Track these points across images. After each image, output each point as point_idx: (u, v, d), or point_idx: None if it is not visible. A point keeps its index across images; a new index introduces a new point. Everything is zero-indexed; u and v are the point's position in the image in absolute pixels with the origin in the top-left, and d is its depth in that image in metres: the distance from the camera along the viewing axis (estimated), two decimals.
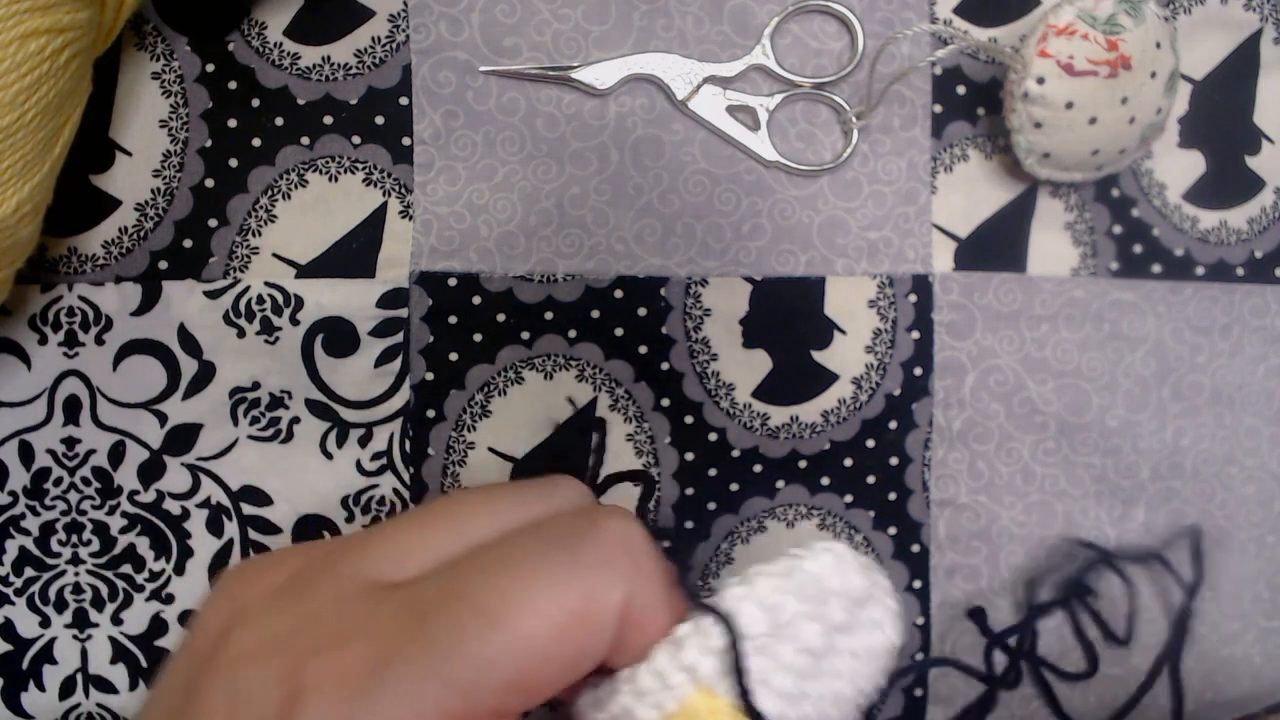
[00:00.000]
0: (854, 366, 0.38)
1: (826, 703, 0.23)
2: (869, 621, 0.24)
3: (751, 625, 0.23)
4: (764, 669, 0.23)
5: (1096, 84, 0.34)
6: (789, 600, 0.23)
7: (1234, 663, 0.41)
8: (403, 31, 0.36)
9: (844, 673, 0.24)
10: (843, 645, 0.24)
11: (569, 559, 0.22)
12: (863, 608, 0.24)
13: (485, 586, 0.22)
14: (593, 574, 0.22)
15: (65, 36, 0.29)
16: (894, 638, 0.25)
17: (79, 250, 0.36)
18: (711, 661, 0.23)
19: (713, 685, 0.23)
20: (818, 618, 0.23)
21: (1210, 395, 0.40)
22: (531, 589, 0.21)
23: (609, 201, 0.37)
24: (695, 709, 0.22)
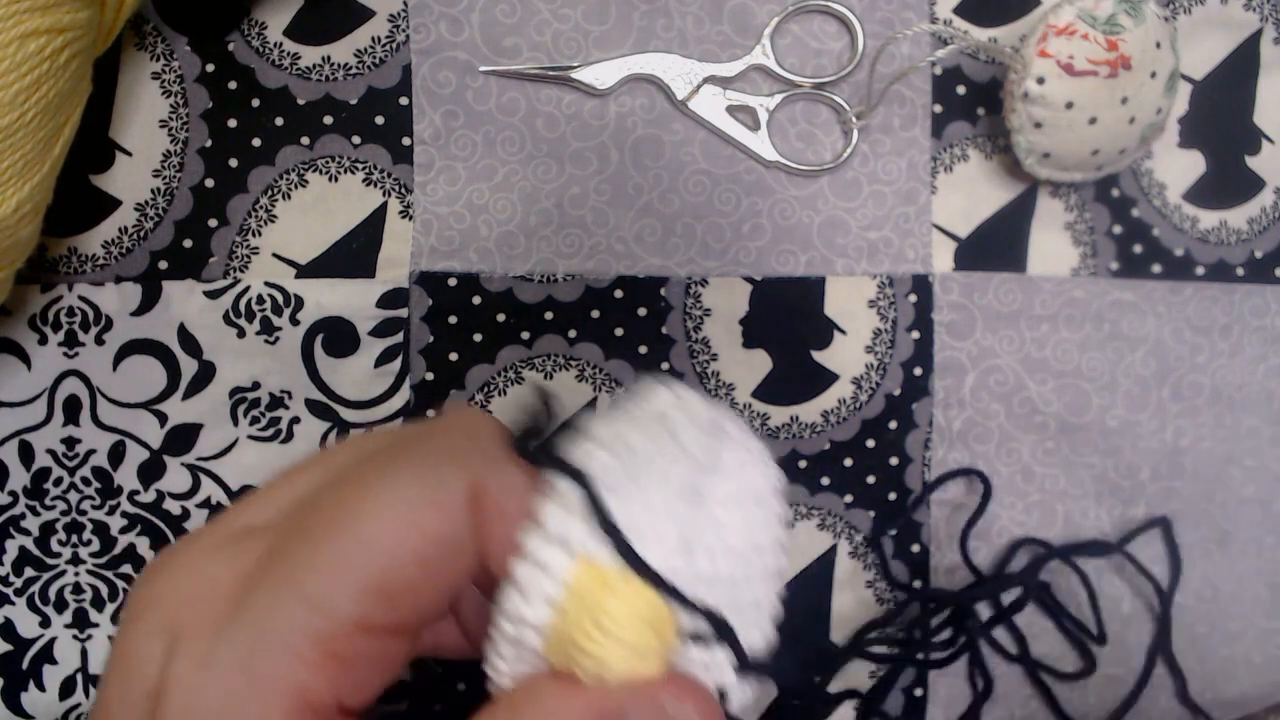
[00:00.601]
0: (854, 366, 0.38)
1: (719, 556, 0.21)
2: (735, 463, 0.22)
3: (607, 473, 0.21)
4: (636, 520, 0.20)
5: (1096, 84, 0.34)
6: (637, 438, 0.21)
7: (1234, 663, 0.41)
8: (403, 31, 0.36)
9: (727, 522, 0.21)
10: (717, 491, 0.21)
11: (410, 456, 0.21)
12: (721, 446, 0.22)
13: (332, 499, 0.21)
14: (434, 461, 0.21)
15: (65, 36, 0.29)
16: (770, 476, 0.23)
17: (79, 250, 0.36)
18: (579, 526, 0.20)
19: (592, 553, 0.20)
20: (675, 456, 0.21)
21: (1210, 395, 0.40)
22: (372, 488, 0.21)
23: (609, 201, 0.37)
24: (583, 587, 0.20)
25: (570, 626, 0.20)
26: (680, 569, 0.20)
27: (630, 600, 0.20)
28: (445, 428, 0.23)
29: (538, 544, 0.20)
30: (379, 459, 0.22)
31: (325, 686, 0.20)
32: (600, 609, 0.20)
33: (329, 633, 0.20)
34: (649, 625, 0.20)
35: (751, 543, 0.22)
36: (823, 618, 0.39)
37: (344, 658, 0.20)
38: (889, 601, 0.39)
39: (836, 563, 0.39)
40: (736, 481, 0.22)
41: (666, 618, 0.20)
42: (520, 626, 0.21)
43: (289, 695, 0.20)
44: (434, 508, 0.20)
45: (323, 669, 0.20)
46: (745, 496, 0.22)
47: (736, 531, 0.21)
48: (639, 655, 0.20)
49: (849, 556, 0.39)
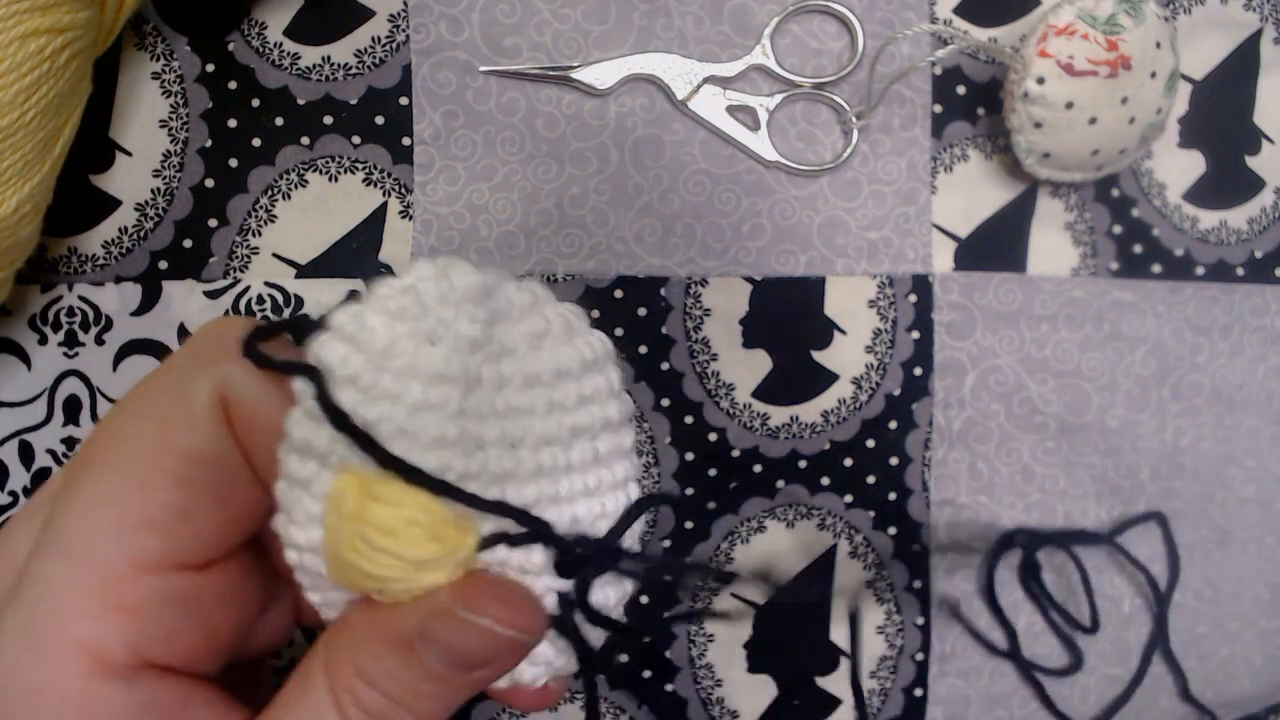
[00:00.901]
0: (854, 366, 0.38)
1: (529, 450, 0.18)
2: (523, 336, 0.19)
3: (344, 364, 0.18)
4: (392, 415, 0.17)
5: (1096, 84, 0.34)
6: (378, 320, 0.18)
7: (1234, 663, 0.41)
8: (403, 31, 0.36)
9: (531, 408, 0.18)
10: (510, 373, 0.18)
11: (152, 375, 0.20)
12: (512, 321, 0.19)
13: (90, 435, 0.19)
14: (173, 375, 0.19)
15: (65, 36, 0.29)
16: (582, 347, 0.20)
17: (79, 250, 0.36)
18: (326, 430, 0.17)
19: (346, 459, 0.17)
20: (433, 335, 0.18)
21: (1210, 395, 0.40)
22: (113, 418, 0.19)
23: (609, 201, 0.37)
24: (341, 495, 0.17)
25: (338, 544, 0.18)
26: (461, 467, 0.18)
27: (394, 504, 0.17)
28: (197, 335, 0.20)
29: (290, 457, 0.18)
30: (138, 386, 0.20)
31: (116, 640, 0.18)
32: (361, 519, 0.17)
33: (103, 581, 0.18)
34: (424, 531, 0.17)
35: (566, 426, 0.19)
36: (823, 618, 0.39)
37: (129, 605, 0.18)
38: (889, 601, 0.39)
39: (836, 563, 0.39)
40: (531, 361, 0.19)
41: (447, 520, 0.18)
42: (300, 552, 0.19)
43: (80, 655, 0.18)
44: (181, 424, 0.19)
45: (108, 621, 0.18)
46: (546, 375, 0.19)
47: (541, 418, 0.19)
48: (418, 565, 0.18)
49: (849, 556, 0.39)
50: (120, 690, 0.18)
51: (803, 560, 0.39)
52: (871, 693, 0.39)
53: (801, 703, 0.39)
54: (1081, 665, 0.39)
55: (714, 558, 0.38)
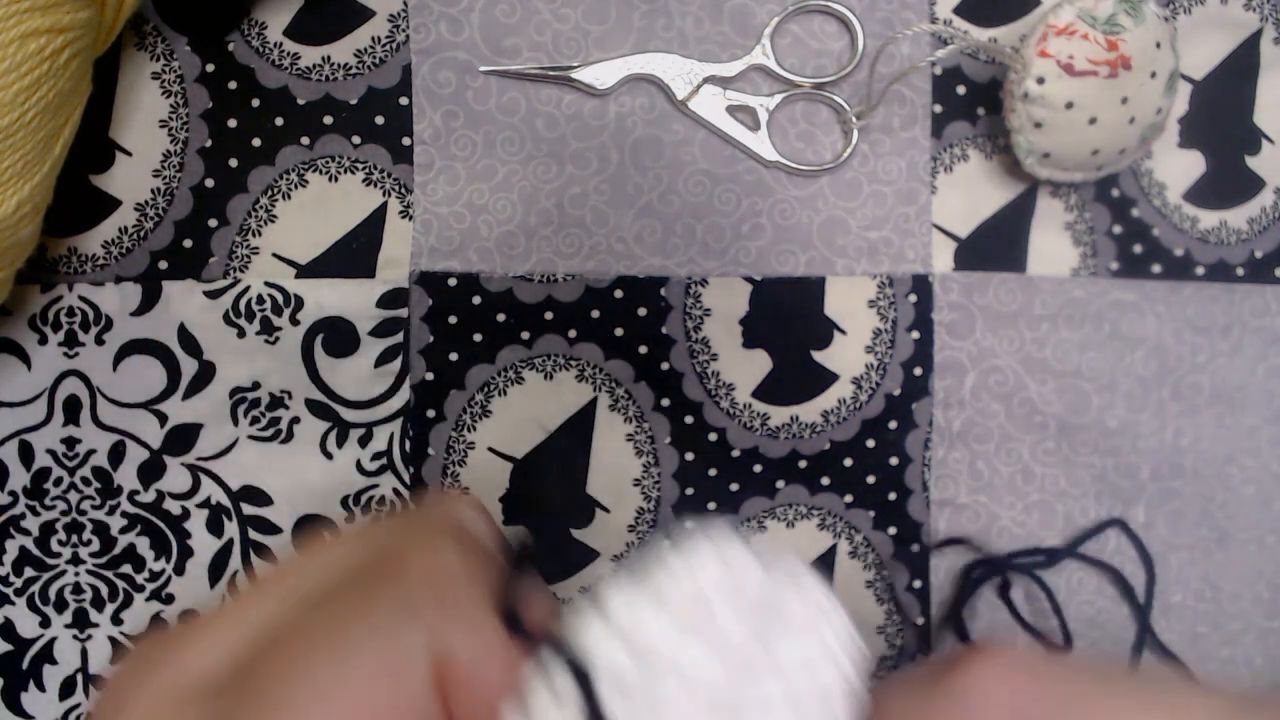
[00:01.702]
0: (854, 366, 0.38)
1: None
2: (801, 660, 0.18)
3: (613, 664, 0.17)
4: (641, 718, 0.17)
5: (1096, 84, 0.34)
6: (658, 621, 0.17)
7: (1234, 663, 0.41)
8: (403, 31, 0.36)
9: (772, 700, 0.17)
10: (771, 693, 0.17)
11: (360, 618, 0.18)
12: (788, 634, 0.18)
13: (272, 675, 0.18)
14: (389, 631, 0.18)
15: (65, 36, 0.29)
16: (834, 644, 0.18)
17: (79, 250, 0.36)
18: (565, 715, 0.17)
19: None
20: (706, 636, 0.17)
21: (1210, 395, 0.40)
22: (316, 668, 0.18)
23: (609, 201, 0.37)
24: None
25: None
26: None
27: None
28: (413, 569, 0.19)
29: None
30: (334, 616, 0.19)
31: None
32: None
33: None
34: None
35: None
36: None
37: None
38: (888, 601, 0.39)
39: (836, 563, 0.39)
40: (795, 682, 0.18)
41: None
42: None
43: None
44: (394, 692, 0.18)
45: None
46: (808, 699, 0.18)
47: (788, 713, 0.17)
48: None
49: (849, 556, 0.39)
50: None
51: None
52: None
53: None
54: None
55: None
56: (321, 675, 0.18)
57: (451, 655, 0.18)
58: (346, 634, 0.18)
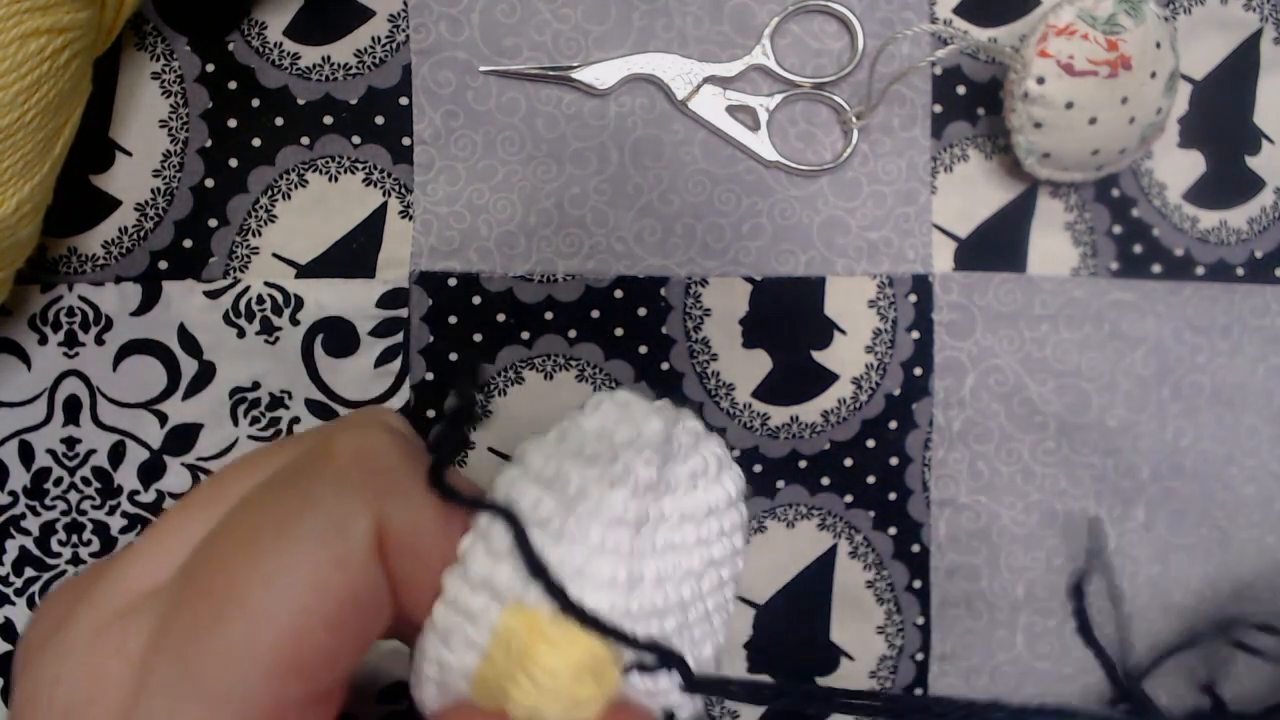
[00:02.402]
0: (854, 366, 0.38)
1: (668, 583, 0.19)
2: (686, 477, 0.20)
3: (536, 508, 0.19)
4: (572, 557, 0.18)
5: (1096, 84, 0.34)
6: (572, 466, 0.19)
7: (1234, 662, 0.41)
8: (403, 31, 0.36)
9: (681, 544, 0.19)
10: (669, 510, 0.19)
11: (296, 500, 0.18)
12: (678, 460, 0.20)
13: (215, 568, 0.18)
14: (326, 508, 0.18)
15: (65, 36, 0.29)
16: (727, 484, 0.20)
17: (79, 250, 0.36)
18: (506, 567, 0.18)
19: (520, 596, 0.18)
20: (617, 480, 0.19)
21: (1210, 395, 0.40)
22: (258, 552, 0.18)
23: (609, 201, 0.37)
24: (511, 633, 0.18)
25: (499, 676, 0.18)
26: (623, 605, 0.19)
27: (566, 648, 0.18)
28: (343, 450, 0.19)
29: (461, 588, 0.19)
30: (271, 503, 0.19)
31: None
32: (532, 659, 0.18)
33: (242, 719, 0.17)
34: (589, 672, 0.18)
35: (705, 559, 0.20)
36: (823, 618, 0.39)
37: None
38: (888, 601, 0.39)
39: (836, 563, 0.39)
40: (688, 499, 0.20)
41: (607, 660, 0.19)
42: (445, 671, 0.19)
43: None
44: (338, 565, 0.18)
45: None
46: (698, 512, 0.20)
47: (688, 552, 0.20)
48: (577, 704, 0.19)
49: (849, 556, 0.39)
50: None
51: (802, 561, 0.39)
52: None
53: None
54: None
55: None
56: (265, 558, 0.18)
57: (390, 526, 0.18)
58: (285, 516, 0.18)
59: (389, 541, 0.18)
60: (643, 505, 0.19)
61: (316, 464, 0.19)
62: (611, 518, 0.19)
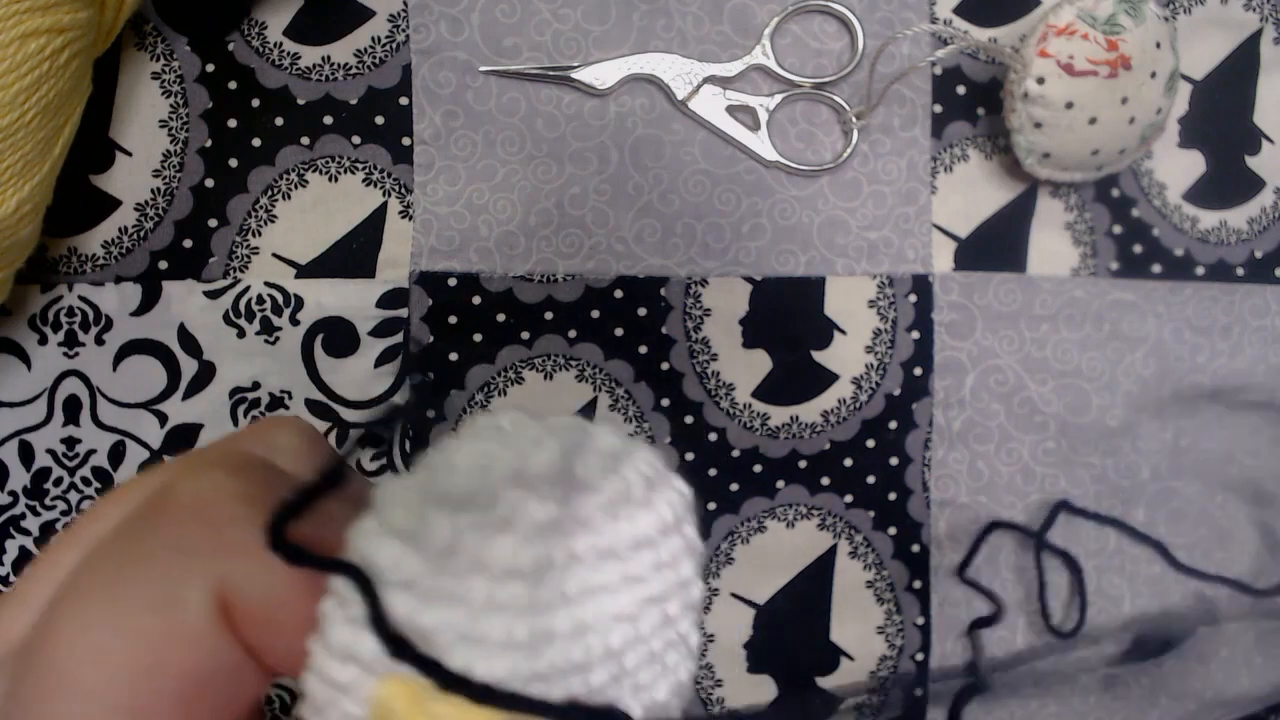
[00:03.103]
0: (854, 366, 0.38)
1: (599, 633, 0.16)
2: (606, 504, 0.16)
3: (398, 567, 0.15)
4: (452, 620, 0.15)
5: (1096, 84, 0.34)
6: (439, 514, 0.16)
7: (1234, 663, 0.41)
8: (403, 31, 0.36)
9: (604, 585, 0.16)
10: (582, 550, 0.16)
11: (127, 561, 0.17)
12: (588, 490, 0.17)
13: (49, 639, 0.16)
14: (156, 573, 0.16)
15: (65, 36, 0.29)
16: (661, 511, 0.17)
17: (79, 250, 0.36)
18: (369, 638, 0.15)
19: (393, 667, 0.15)
20: (501, 525, 0.16)
21: (1210, 395, 0.40)
22: (86, 624, 0.16)
23: (609, 201, 0.37)
24: (387, 708, 0.15)
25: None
26: (528, 669, 0.16)
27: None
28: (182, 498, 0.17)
29: (326, 659, 0.16)
30: (101, 563, 0.17)
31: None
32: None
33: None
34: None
35: (640, 598, 0.17)
36: (823, 617, 0.39)
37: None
38: (888, 601, 0.39)
39: (836, 563, 0.39)
40: (607, 533, 0.16)
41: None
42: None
43: None
44: (174, 640, 0.16)
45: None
46: (621, 547, 0.17)
47: (613, 594, 0.16)
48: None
49: (849, 556, 0.39)
50: None
51: (802, 561, 0.39)
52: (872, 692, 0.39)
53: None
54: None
55: (714, 558, 0.38)
56: (94, 631, 0.16)
57: (233, 592, 0.16)
58: (114, 580, 0.16)
59: (235, 610, 0.16)
60: (542, 550, 0.16)
61: (153, 516, 0.17)
62: (499, 570, 0.15)
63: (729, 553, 0.38)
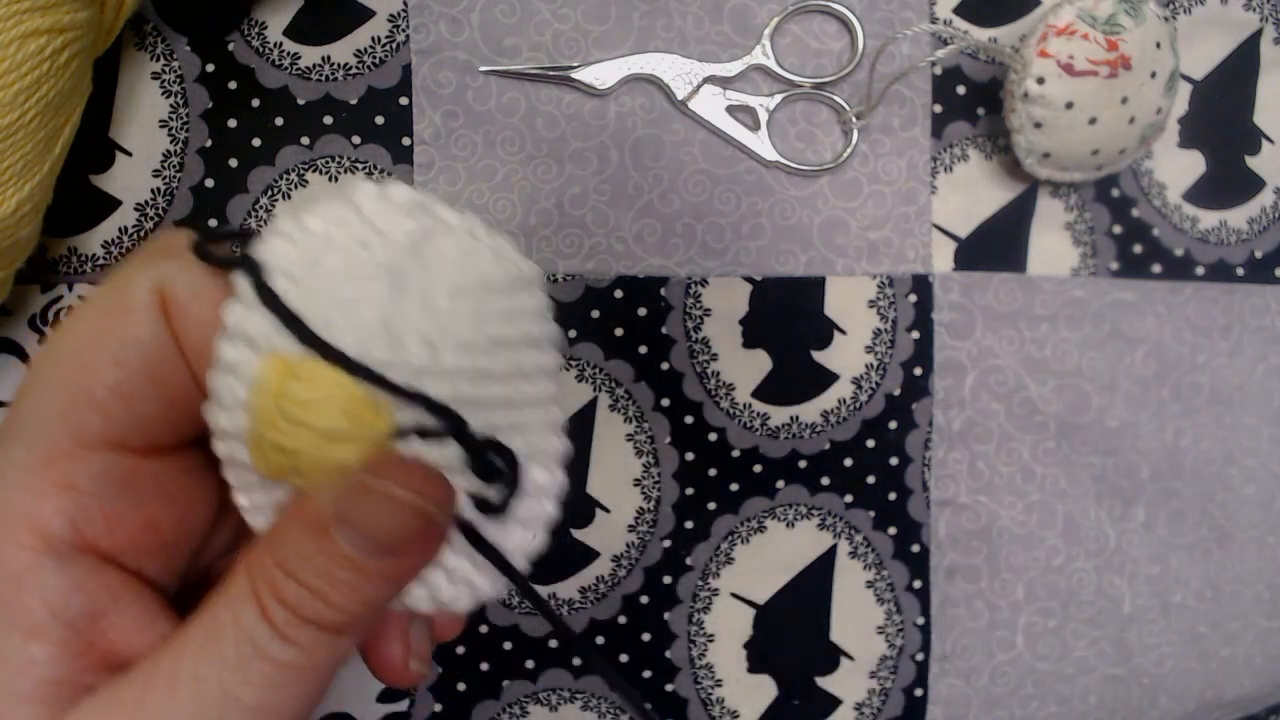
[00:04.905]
0: (854, 366, 0.38)
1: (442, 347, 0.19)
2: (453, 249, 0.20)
3: (285, 261, 0.19)
4: (318, 303, 0.18)
5: (1096, 84, 0.34)
6: (313, 218, 0.19)
7: (1234, 663, 0.41)
8: (403, 31, 0.36)
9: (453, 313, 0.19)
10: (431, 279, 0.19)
11: (108, 277, 0.21)
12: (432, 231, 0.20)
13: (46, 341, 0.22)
14: (118, 275, 0.20)
15: (65, 36, 0.29)
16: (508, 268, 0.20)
17: (79, 250, 0.36)
18: (258, 316, 0.18)
19: (275, 345, 0.18)
20: (366, 241, 0.19)
21: (1210, 395, 0.40)
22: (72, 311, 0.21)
23: (609, 201, 0.37)
24: (267, 380, 0.18)
25: (258, 423, 0.19)
26: (383, 357, 0.18)
27: (315, 381, 0.18)
28: (145, 244, 0.22)
29: (223, 345, 0.19)
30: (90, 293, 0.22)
31: (57, 515, 0.19)
32: (283, 395, 0.18)
33: (45, 457, 0.19)
34: (338, 405, 0.18)
35: (489, 336, 0.19)
36: (823, 617, 0.39)
37: (72, 482, 0.19)
38: (888, 601, 0.39)
39: (836, 563, 0.39)
40: (456, 269, 0.19)
41: (364, 400, 0.18)
42: (227, 439, 0.19)
43: (21, 528, 0.19)
44: (118, 310, 0.20)
45: (50, 496, 0.19)
46: (469, 285, 0.19)
47: (461, 322, 0.19)
48: (333, 440, 0.18)
49: (849, 556, 0.39)
50: (56, 566, 0.19)
51: (802, 561, 0.39)
52: (872, 693, 0.39)
53: (801, 703, 0.39)
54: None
55: (714, 558, 0.38)
56: (69, 321, 0.20)
57: (169, 287, 0.20)
58: (95, 290, 0.21)
59: (170, 303, 0.20)
60: (398, 262, 0.19)
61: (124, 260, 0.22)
62: (362, 271, 0.19)
63: (729, 553, 0.38)
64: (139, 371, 0.20)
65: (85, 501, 0.19)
